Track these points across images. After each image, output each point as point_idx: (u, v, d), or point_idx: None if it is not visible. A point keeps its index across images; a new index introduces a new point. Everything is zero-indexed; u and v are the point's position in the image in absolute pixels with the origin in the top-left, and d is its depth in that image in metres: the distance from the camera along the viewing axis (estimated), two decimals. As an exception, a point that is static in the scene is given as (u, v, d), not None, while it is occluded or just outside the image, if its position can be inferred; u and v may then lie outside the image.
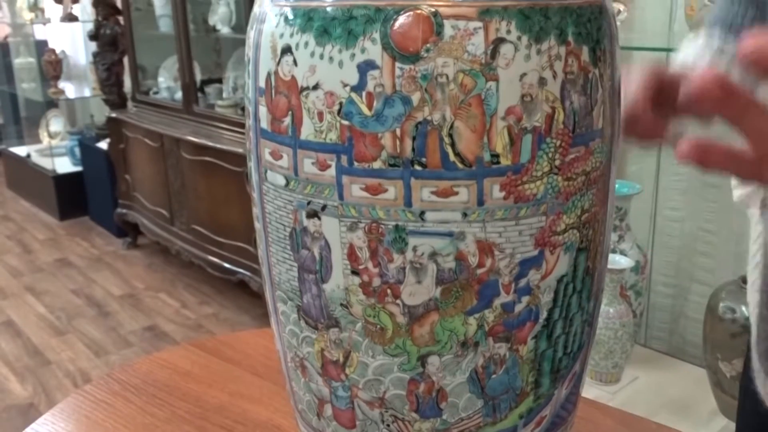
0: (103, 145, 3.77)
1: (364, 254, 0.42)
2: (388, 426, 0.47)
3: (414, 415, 0.46)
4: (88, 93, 4.48)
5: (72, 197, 4.14)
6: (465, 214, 0.41)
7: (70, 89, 4.60)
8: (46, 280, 3.32)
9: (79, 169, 4.16)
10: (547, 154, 0.42)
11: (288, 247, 0.46)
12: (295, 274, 0.46)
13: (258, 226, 0.49)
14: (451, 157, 0.40)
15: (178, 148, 2.96)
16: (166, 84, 3.35)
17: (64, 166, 4.23)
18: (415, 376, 0.45)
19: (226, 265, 2.78)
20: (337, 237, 0.43)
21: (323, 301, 0.45)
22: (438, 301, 0.43)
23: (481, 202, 0.41)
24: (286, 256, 0.47)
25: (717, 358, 1.42)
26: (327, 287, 0.45)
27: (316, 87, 0.41)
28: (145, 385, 0.77)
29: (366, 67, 0.40)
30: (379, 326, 0.44)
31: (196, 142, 2.82)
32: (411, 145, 0.40)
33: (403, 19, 0.39)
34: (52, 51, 4.40)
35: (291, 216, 0.45)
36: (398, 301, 0.43)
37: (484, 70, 0.39)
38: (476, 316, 0.43)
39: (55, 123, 4.56)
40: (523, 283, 0.43)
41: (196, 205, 2.95)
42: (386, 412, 0.46)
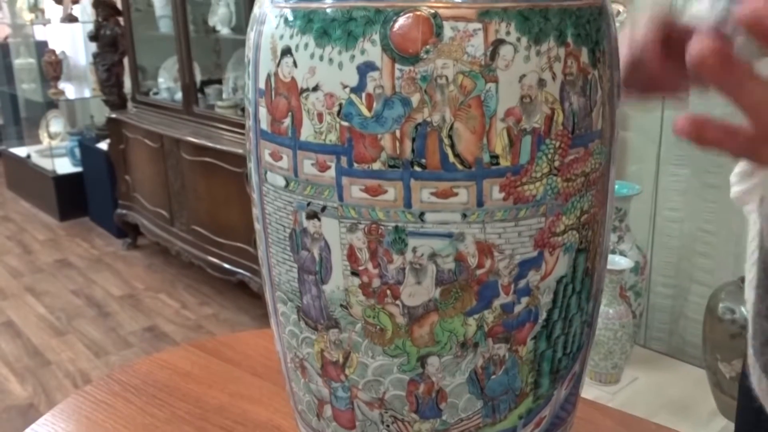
0: (103, 145, 3.77)
1: (364, 255, 0.43)
2: (388, 427, 0.47)
3: (413, 416, 0.46)
4: (88, 94, 4.48)
5: (72, 198, 4.14)
6: (464, 215, 0.41)
7: (70, 90, 4.60)
8: (46, 281, 3.32)
9: (79, 169, 4.16)
10: (547, 156, 0.42)
11: (288, 248, 0.46)
12: (295, 275, 0.46)
13: (258, 227, 0.49)
14: (451, 159, 0.40)
15: (178, 149, 2.96)
16: (166, 85, 3.35)
17: (64, 166, 4.23)
18: (415, 377, 0.45)
19: (225, 266, 2.78)
20: (337, 238, 0.43)
21: (323, 302, 0.45)
22: (437, 302, 0.43)
23: (480, 203, 0.41)
24: (286, 257, 0.47)
25: (716, 359, 1.42)
26: (327, 288, 0.45)
27: (315, 88, 0.41)
28: (145, 386, 0.77)
29: (366, 69, 0.40)
30: (378, 327, 0.44)
31: (196, 143, 2.82)
32: (411, 147, 0.40)
33: (402, 21, 0.39)
34: (52, 52, 4.40)
35: (291, 217, 0.45)
36: (398, 302, 0.43)
37: (484, 72, 0.39)
38: (476, 316, 0.43)
39: (55, 124, 4.56)
40: (522, 284, 0.43)
41: (196, 206, 2.95)
42: (386, 413, 0.46)
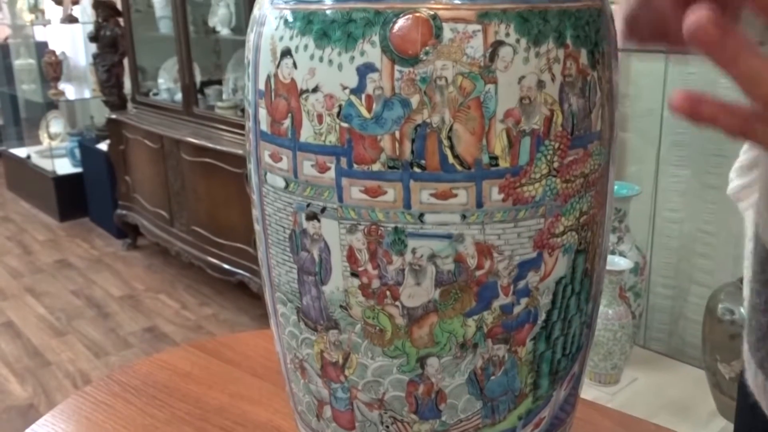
0: (103, 146, 3.77)
1: (364, 256, 0.43)
2: (388, 427, 0.47)
3: (413, 417, 0.46)
4: (88, 94, 4.48)
5: (72, 198, 4.14)
6: (464, 216, 0.41)
7: (70, 91, 4.60)
8: (46, 281, 3.32)
9: (79, 170, 4.16)
10: (546, 157, 0.42)
11: (288, 249, 0.46)
12: (295, 276, 0.46)
13: (258, 228, 0.49)
14: (450, 160, 0.40)
15: (177, 150, 2.97)
16: (166, 85, 3.35)
17: (64, 167, 4.23)
18: (414, 378, 0.45)
19: (225, 267, 2.78)
20: (337, 239, 0.43)
21: (323, 303, 0.45)
22: (437, 303, 0.43)
23: (480, 204, 0.41)
24: (286, 258, 0.47)
25: (716, 360, 1.42)
26: (326, 289, 0.45)
27: (315, 89, 0.41)
28: (145, 387, 0.77)
29: (365, 70, 0.40)
30: (378, 328, 0.44)
31: (196, 144, 2.82)
32: (410, 148, 0.40)
33: (402, 22, 0.39)
34: (53, 52, 4.40)
35: (290, 218, 0.45)
36: (397, 303, 0.43)
37: (483, 73, 0.39)
38: (475, 317, 0.43)
39: (55, 124, 4.55)
40: (521, 284, 0.43)
41: (196, 207, 2.95)
42: (385, 414, 0.46)
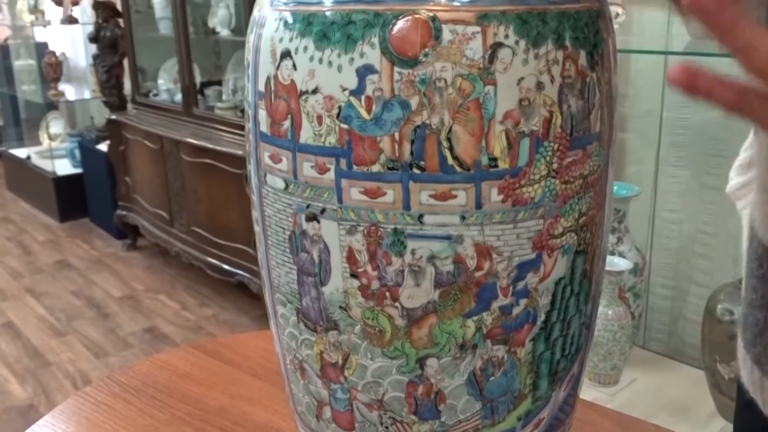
0: (103, 147, 3.77)
1: (363, 257, 0.43)
2: (387, 428, 0.47)
3: (412, 417, 0.46)
4: (88, 95, 4.48)
5: (72, 199, 4.14)
6: (463, 218, 0.41)
7: (70, 91, 4.60)
8: (46, 282, 3.32)
9: (79, 171, 4.16)
10: (545, 158, 0.42)
11: (287, 250, 0.46)
12: (295, 277, 0.47)
13: (257, 229, 0.50)
14: (450, 161, 0.40)
15: (177, 150, 2.97)
16: (166, 86, 3.35)
17: (64, 168, 4.23)
18: (414, 379, 0.45)
19: (225, 267, 2.78)
20: (336, 240, 0.43)
21: (322, 304, 0.45)
22: (436, 304, 0.43)
23: (479, 206, 0.41)
24: (286, 259, 0.47)
25: (715, 360, 1.42)
26: (326, 290, 0.45)
27: (315, 91, 0.41)
28: (145, 387, 0.77)
29: (365, 72, 0.40)
30: (377, 329, 0.44)
31: (196, 144, 2.82)
32: (409, 149, 0.40)
33: (401, 24, 0.39)
34: (53, 53, 4.40)
35: (290, 219, 0.45)
36: (397, 304, 0.43)
37: (482, 75, 0.40)
38: (474, 318, 0.43)
39: (55, 125, 4.55)
40: (521, 285, 0.44)
41: (196, 207, 2.95)
42: (385, 414, 0.47)
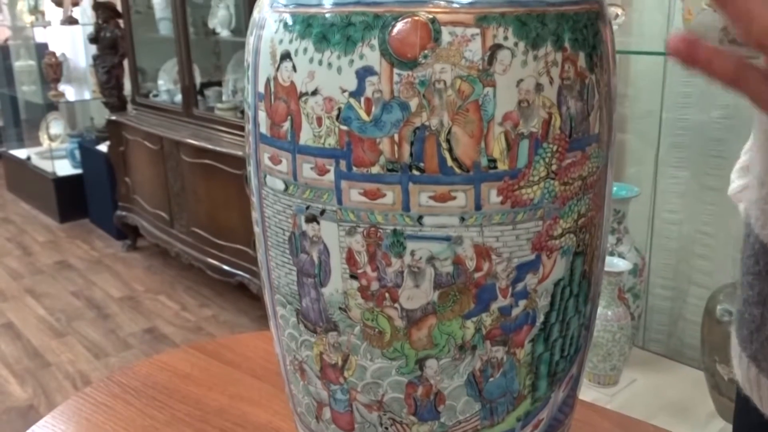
0: (103, 147, 3.77)
1: (363, 258, 0.43)
2: (387, 429, 0.47)
3: (412, 418, 0.46)
4: (88, 96, 4.48)
5: (72, 200, 4.14)
6: (462, 219, 0.41)
7: (70, 92, 4.60)
8: (46, 283, 3.32)
9: (79, 171, 4.16)
10: (544, 159, 0.42)
11: (287, 251, 0.46)
12: (294, 278, 0.47)
13: (257, 230, 0.50)
14: (449, 162, 0.40)
15: (177, 151, 2.97)
16: (166, 87, 3.35)
17: (64, 168, 4.23)
18: (413, 380, 0.45)
19: (225, 268, 2.78)
20: (336, 241, 0.43)
21: (322, 305, 0.45)
22: (436, 305, 0.43)
23: (478, 207, 0.41)
24: (285, 260, 0.47)
25: (715, 361, 1.43)
26: (326, 291, 0.45)
27: (315, 92, 0.41)
28: (145, 388, 0.77)
29: (364, 73, 0.40)
30: (377, 330, 0.44)
31: (196, 145, 2.82)
32: (409, 151, 0.40)
33: (401, 26, 0.39)
34: (53, 54, 4.40)
35: (290, 220, 0.45)
36: (396, 305, 0.43)
37: (482, 76, 0.40)
38: (474, 319, 0.43)
39: (55, 126, 4.55)
40: (520, 286, 0.44)
41: (196, 208, 2.95)
42: (384, 415, 0.47)
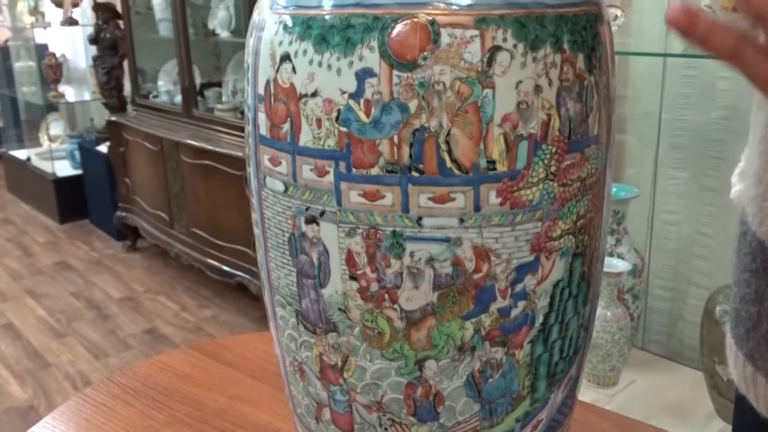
0: (103, 148, 3.77)
1: (362, 260, 0.43)
2: (386, 430, 0.47)
3: (411, 419, 0.46)
4: (88, 96, 4.49)
5: (72, 200, 4.14)
6: (462, 220, 0.41)
7: (70, 93, 4.60)
8: (46, 283, 3.32)
9: (79, 172, 4.16)
10: (543, 161, 0.42)
11: (287, 253, 0.46)
12: (294, 279, 0.47)
13: (257, 231, 0.50)
14: (448, 164, 0.41)
15: (177, 152, 2.97)
16: (166, 88, 3.35)
17: (64, 169, 4.23)
18: (413, 380, 0.45)
19: (225, 268, 2.78)
20: (336, 242, 0.43)
21: (322, 306, 0.46)
22: (435, 306, 0.43)
23: (477, 208, 0.41)
24: (285, 262, 0.47)
25: (714, 362, 1.43)
26: (325, 292, 0.45)
27: (314, 94, 0.42)
28: (145, 389, 0.77)
29: (364, 75, 0.40)
30: (376, 331, 0.44)
31: (196, 146, 2.82)
32: (408, 152, 0.40)
33: (400, 28, 0.40)
34: (53, 55, 4.40)
35: (290, 221, 0.45)
36: (396, 306, 0.43)
37: (481, 78, 0.40)
38: (473, 320, 0.43)
39: (55, 126, 4.55)
40: (519, 288, 0.44)
41: (196, 209, 2.95)
42: (384, 416, 0.47)
